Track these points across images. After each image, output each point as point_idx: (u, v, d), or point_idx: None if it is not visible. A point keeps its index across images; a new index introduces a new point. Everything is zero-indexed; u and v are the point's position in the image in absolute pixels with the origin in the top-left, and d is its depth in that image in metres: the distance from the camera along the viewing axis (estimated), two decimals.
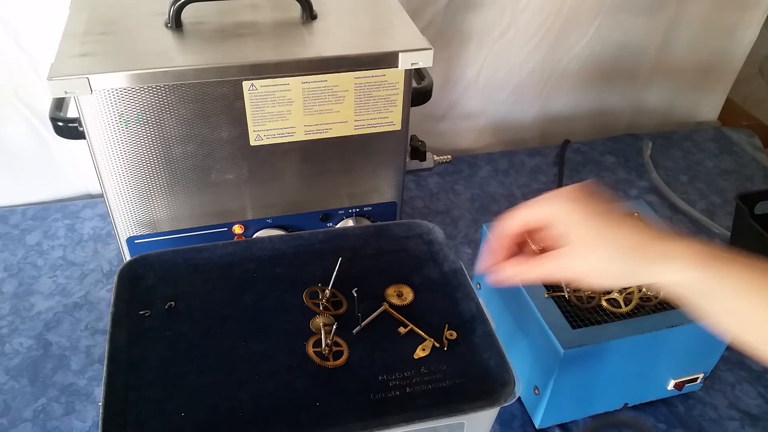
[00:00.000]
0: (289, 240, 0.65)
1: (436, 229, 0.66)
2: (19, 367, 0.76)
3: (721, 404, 0.76)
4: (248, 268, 0.62)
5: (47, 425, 0.70)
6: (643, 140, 1.22)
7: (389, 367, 0.53)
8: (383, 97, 0.70)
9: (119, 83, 0.62)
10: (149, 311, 0.57)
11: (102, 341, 0.79)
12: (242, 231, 0.77)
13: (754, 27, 1.20)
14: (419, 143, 0.86)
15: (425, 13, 0.99)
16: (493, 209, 1.05)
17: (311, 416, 0.49)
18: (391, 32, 0.72)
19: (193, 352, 0.54)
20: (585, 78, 1.18)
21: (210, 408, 0.49)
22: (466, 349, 0.55)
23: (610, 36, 1.12)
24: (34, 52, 0.88)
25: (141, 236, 0.73)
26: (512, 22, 1.05)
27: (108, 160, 0.67)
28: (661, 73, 1.22)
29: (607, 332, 0.64)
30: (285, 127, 0.69)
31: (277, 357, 0.53)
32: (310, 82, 0.67)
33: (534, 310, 0.65)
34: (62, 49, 0.64)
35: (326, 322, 0.56)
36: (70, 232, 0.96)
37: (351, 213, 0.80)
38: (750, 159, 1.21)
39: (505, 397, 0.51)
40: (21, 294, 0.85)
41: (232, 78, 0.64)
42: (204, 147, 0.68)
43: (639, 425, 0.73)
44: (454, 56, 1.07)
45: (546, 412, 0.69)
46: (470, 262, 0.92)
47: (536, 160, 1.17)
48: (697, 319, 0.46)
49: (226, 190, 0.73)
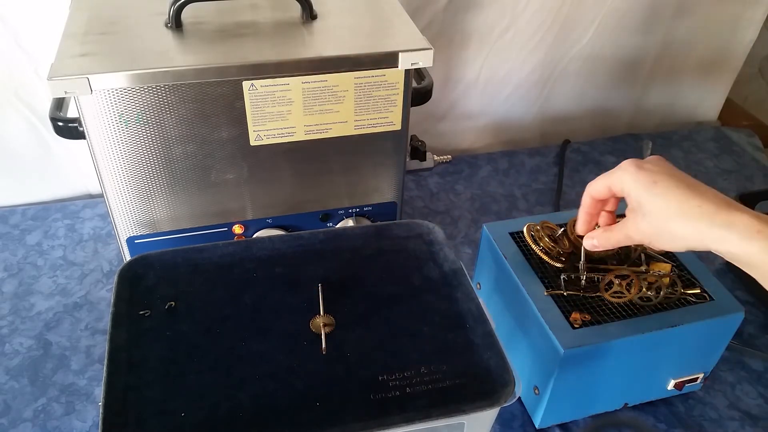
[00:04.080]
0: (289, 240, 0.65)
1: (436, 229, 0.66)
2: (19, 367, 0.76)
3: (721, 404, 0.76)
4: (248, 268, 0.62)
5: (47, 425, 0.70)
6: (643, 140, 1.22)
7: (389, 367, 0.53)
8: (383, 97, 0.70)
9: (119, 83, 0.62)
10: (149, 311, 0.57)
11: (102, 341, 0.79)
12: (242, 231, 0.77)
13: (754, 27, 1.20)
14: (419, 143, 0.86)
15: (425, 13, 1.00)
16: (493, 209, 1.05)
17: (311, 416, 0.49)
18: (391, 32, 0.72)
19: (193, 352, 0.54)
20: (585, 78, 1.18)
21: (210, 408, 0.49)
22: (466, 349, 0.55)
23: (610, 36, 1.12)
24: (34, 52, 0.88)
25: (141, 236, 0.73)
26: (512, 22, 1.05)
27: (108, 160, 0.67)
28: (661, 72, 1.22)
29: (607, 332, 0.64)
30: (285, 127, 0.70)
31: (277, 357, 0.53)
32: (310, 82, 0.67)
33: (534, 310, 0.65)
34: (62, 49, 0.64)
35: (326, 322, 0.56)
36: (70, 232, 0.96)
37: (351, 213, 0.80)
38: (750, 159, 1.21)
39: (505, 397, 0.51)
40: (21, 294, 0.85)
41: (232, 78, 0.64)
42: (204, 147, 0.68)
43: (639, 425, 0.73)
44: (454, 56, 1.08)
45: (546, 412, 0.69)
46: (470, 262, 0.92)
47: (536, 160, 1.17)
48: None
49: (226, 190, 0.73)
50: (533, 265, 0.70)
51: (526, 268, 0.69)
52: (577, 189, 1.10)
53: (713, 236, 0.49)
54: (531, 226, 0.73)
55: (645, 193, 0.52)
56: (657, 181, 0.52)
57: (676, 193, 0.51)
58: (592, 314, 0.65)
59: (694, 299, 0.67)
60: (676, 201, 0.51)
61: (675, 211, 0.51)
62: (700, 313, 0.66)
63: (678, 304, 0.67)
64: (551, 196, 1.08)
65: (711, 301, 0.67)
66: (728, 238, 0.48)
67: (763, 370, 0.80)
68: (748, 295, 0.88)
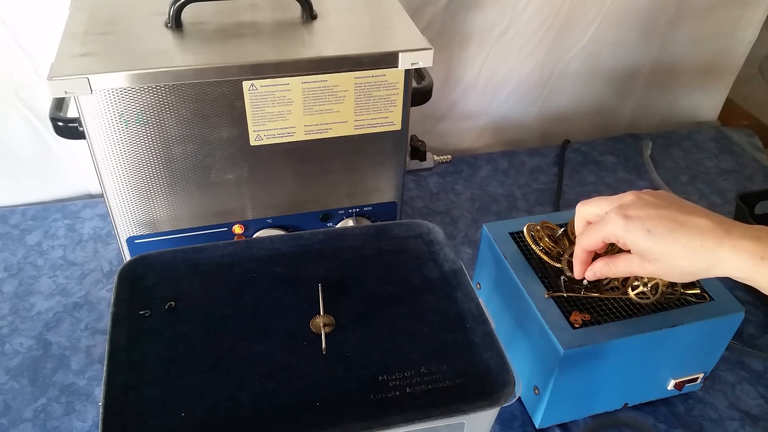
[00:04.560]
0: (289, 240, 0.65)
1: (436, 229, 0.66)
2: (19, 367, 0.76)
3: (721, 404, 0.76)
4: (248, 268, 0.62)
5: (47, 425, 0.70)
6: (643, 140, 1.22)
7: (389, 367, 0.53)
8: (383, 97, 0.70)
9: (119, 83, 0.62)
10: (149, 311, 0.57)
11: (102, 341, 0.79)
12: (242, 231, 0.77)
13: (754, 27, 1.20)
14: (419, 143, 0.86)
15: (425, 13, 0.99)
16: (493, 209, 1.05)
17: (311, 416, 0.49)
18: (391, 32, 0.72)
19: (193, 352, 0.54)
20: (585, 78, 1.18)
21: (210, 408, 0.49)
22: (466, 349, 0.55)
23: (610, 36, 1.12)
24: (34, 52, 0.88)
25: (141, 236, 0.73)
26: (512, 22, 1.05)
27: (108, 160, 0.67)
28: (661, 72, 1.22)
29: (607, 332, 0.64)
30: (285, 127, 0.70)
31: (277, 357, 0.53)
32: (310, 82, 0.67)
33: (534, 310, 0.65)
34: (62, 49, 0.64)
35: (326, 322, 0.56)
36: (70, 232, 0.96)
37: (351, 213, 0.80)
38: (750, 159, 1.21)
39: (505, 397, 0.51)
40: (21, 294, 0.85)
41: (232, 78, 0.64)
42: (204, 147, 0.68)
43: (639, 425, 0.73)
44: (454, 56, 1.08)
45: (546, 412, 0.69)
46: (470, 262, 0.92)
47: (536, 160, 1.17)
48: None
49: (226, 190, 0.73)
50: (533, 265, 0.70)
51: (526, 268, 0.69)
52: (577, 189, 1.10)
53: (720, 270, 0.52)
54: (531, 226, 0.73)
55: (645, 242, 0.54)
56: (650, 229, 0.53)
57: (675, 237, 0.52)
58: (592, 314, 0.65)
59: (694, 299, 0.67)
60: (678, 245, 0.52)
61: (679, 252, 0.52)
62: (700, 313, 0.66)
63: (678, 304, 0.67)
64: (551, 196, 1.08)
65: (711, 301, 0.67)
66: (734, 267, 0.51)
67: (763, 370, 0.80)
68: (748, 295, 0.88)
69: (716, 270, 0.52)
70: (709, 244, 0.51)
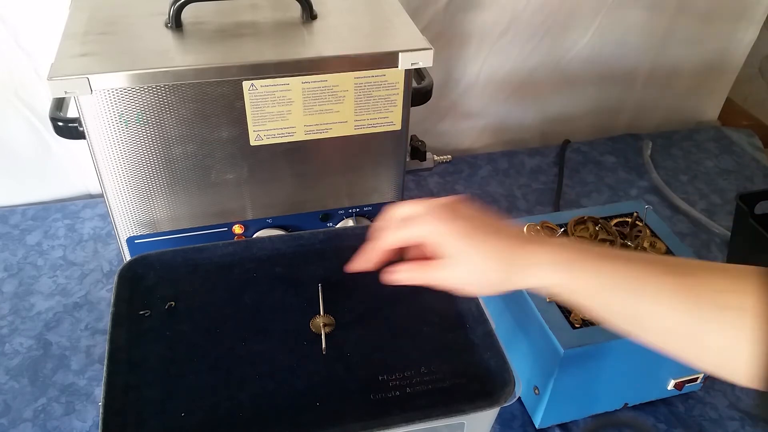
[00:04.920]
0: (289, 240, 0.65)
1: None
2: (19, 367, 0.76)
3: (721, 404, 0.76)
4: (248, 268, 0.62)
5: (47, 425, 0.70)
6: (643, 140, 1.22)
7: (389, 367, 0.53)
8: (383, 97, 0.70)
9: (119, 83, 0.62)
10: (149, 311, 0.57)
11: (102, 341, 0.79)
12: (242, 231, 0.77)
13: (754, 27, 1.20)
14: (419, 143, 0.85)
15: (425, 13, 0.99)
16: (493, 209, 1.05)
17: (311, 416, 0.49)
18: (391, 32, 0.72)
19: (193, 352, 0.54)
20: (585, 78, 1.18)
21: (210, 408, 0.49)
22: (466, 349, 0.55)
23: (610, 36, 1.12)
24: (34, 52, 0.88)
25: (141, 236, 0.73)
26: (512, 22, 1.05)
27: (108, 160, 0.67)
28: (661, 72, 1.22)
29: (607, 332, 0.63)
30: (285, 127, 0.70)
31: (277, 357, 0.53)
32: (310, 82, 0.67)
33: (534, 310, 0.65)
34: (62, 49, 0.64)
35: (326, 322, 0.56)
36: (70, 232, 0.96)
37: (351, 213, 0.80)
38: (750, 159, 1.21)
39: (505, 397, 0.51)
40: (21, 294, 0.85)
41: (232, 78, 0.64)
42: (204, 147, 0.68)
43: (639, 425, 0.73)
44: (454, 56, 1.07)
45: (546, 412, 0.69)
46: None
47: (536, 160, 1.17)
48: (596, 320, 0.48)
49: (226, 190, 0.73)
50: None
51: None
52: (577, 189, 1.10)
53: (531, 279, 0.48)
54: (531, 226, 0.73)
55: (457, 246, 0.49)
56: (465, 233, 0.50)
57: (490, 242, 0.49)
58: None
59: None
60: (491, 250, 0.49)
61: (489, 257, 0.49)
62: None
63: None
64: (551, 196, 1.08)
65: None
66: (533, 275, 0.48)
67: None
68: None
69: (518, 277, 0.49)
70: (516, 243, 0.49)
